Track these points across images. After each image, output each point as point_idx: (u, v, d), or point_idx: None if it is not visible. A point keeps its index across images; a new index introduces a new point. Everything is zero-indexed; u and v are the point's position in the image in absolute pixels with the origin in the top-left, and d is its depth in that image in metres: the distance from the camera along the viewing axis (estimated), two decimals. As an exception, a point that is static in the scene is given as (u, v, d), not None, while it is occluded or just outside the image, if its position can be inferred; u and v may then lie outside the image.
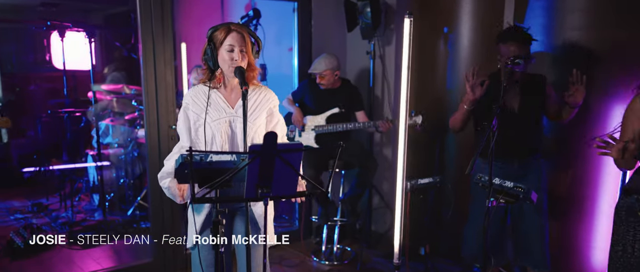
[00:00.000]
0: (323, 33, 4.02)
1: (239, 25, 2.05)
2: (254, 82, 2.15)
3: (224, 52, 2.01)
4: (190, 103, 2.09)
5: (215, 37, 2.03)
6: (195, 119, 2.07)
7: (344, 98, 3.65)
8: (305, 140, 3.63)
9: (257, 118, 2.10)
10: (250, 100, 2.10)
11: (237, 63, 2.00)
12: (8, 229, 4.27)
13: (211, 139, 2.05)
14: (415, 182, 2.96)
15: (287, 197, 1.76)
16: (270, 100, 2.16)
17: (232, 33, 2.01)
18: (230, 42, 2.00)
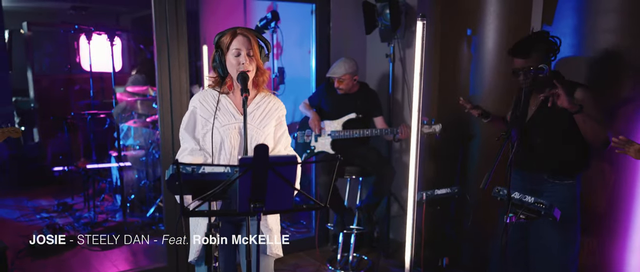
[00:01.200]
0: (342, 35, 3.92)
1: (246, 29, 1.99)
2: (264, 89, 2.09)
3: (231, 56, 1.96)
4: (198, 106, 2.04)
5: (222, 42, 1.98)
6: (203, 123, 2.01)
7: (362, 103, 3.53)
8: (321, 145, 3.53)
9: (266, 126, 2.04)
10: (259, 108, 2.05)
11: (244, 67, 1.94)
12: (33, 228, 4.37)
13: (220, 144, 1.99)
14: (431, 193, 2.82)
15: (283, 212, 1.67)
16: (279, 109, 2.10)
17: (238, 37, 1.96)
18: (237, 46, 1.95)
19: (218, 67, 2.00)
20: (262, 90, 2.08)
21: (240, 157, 1.40)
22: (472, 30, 3.40)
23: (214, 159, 1.98)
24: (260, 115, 2.04)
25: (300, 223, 4.48)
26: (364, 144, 3.59)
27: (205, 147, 2.00)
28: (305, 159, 3.58)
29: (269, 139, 2.06)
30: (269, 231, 2.05)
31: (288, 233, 4.25)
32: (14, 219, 4.79)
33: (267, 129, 2.04)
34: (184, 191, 1.60)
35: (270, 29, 4.17)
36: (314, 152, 3.55)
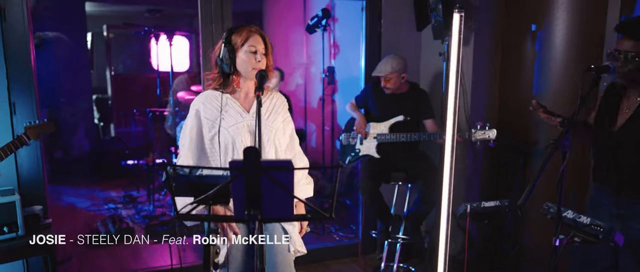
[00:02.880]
0: (393, 33, 3.71)
1: (258, 28, 1.98)
2: (265, 86, 2.03)
3: (245, 54, 1.93)
4: (201, 109, 1.98)
5: (234, 39, 1.94)
6: (209, 125, 1.96)
7: (411, 104, 3.31)
8: (366, 148, 3.36)
9: (274, 122, 2.01)
10: (265, 104, 2.02)
11: (260, 65, 1.92)
12: (98, 218, 4.65)
13: (231, 145, 1.94)
14: (477, 205, 2.55)
15: (282, 221, 1.55)
16: (284, 104, 2.09)
17: (255, 35, 1.94)
18: (253, 44, 1.93)
19: (226, 63, 1.94)
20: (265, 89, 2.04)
21: (231, 161, 1.30)
22: (537, 25, 3.04)
23: (225, 160, 1.92)
24: (266, 111, 2.02)
25: (349, 228, 4.33)
26: (412, 149, 3.36)
27: (213, 150, 1.95)
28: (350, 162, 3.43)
29: (280, 134, 2.03)
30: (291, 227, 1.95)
31: (337, 237, 4.13)
32: (85, 208, 5.14)
33: (276, 124, 2.02)
34: (183, 193, 1.55)
35: (320, 28, 4.06)
36: (358, 155, 3.39)
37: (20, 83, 2.82)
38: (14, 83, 2.79)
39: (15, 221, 2.57)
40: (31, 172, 2.91)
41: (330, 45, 5.01)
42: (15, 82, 2.80)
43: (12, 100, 2.81)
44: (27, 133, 2.13)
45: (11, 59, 2.78)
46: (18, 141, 2.06)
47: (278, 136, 2.01)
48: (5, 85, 2.77)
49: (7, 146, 2.01)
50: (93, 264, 3.62)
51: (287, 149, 2.08)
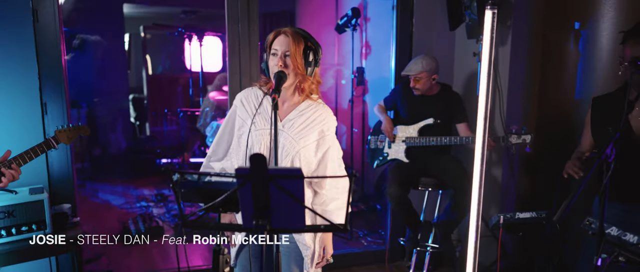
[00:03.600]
0: (425, 32, 3.56)
1: (292, 29, 1.82)
2: (312, 97, 1.89)
3: (270, 56, 1.82)
4: (239, 105, 1.93)
5: (267, 41, 1.85)
6: (240, 124, 1.90)
7: (442, 107, 3.16)
8: (395, 152, 3.24)
9: (304, 137, 1.84)
10: (302, 116, 1.86)
11: (276, 68, 1.78)
12: (130, 215, 4.73)
13: (252, 150, 1.85)
14: (511, 216, 2.38)
15: (293, 232, 1.47)
16: (325, 121, 1.87)
17: (280, 36, 1.81)
18: (276, 46, 1.80)
19: (265, 67, 1.87)
20: (309, 97, 1.88)
21: (237, 167, 1.23)
22: (580, 23, 2.84)
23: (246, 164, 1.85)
24: (300, 124, 1.85)
25: (378, 233, 4.21)
26: (443, 153, 3.21)
27: (239, 150, 1.87)
28: (377, 166, 3.32)
29: (307, 152, 1.84)
30: (307, 248, 1.85)
31: (365, 242, 4.02)
32: (118, 206, 5.24)
33: (305, 141, 1.83)
34: (193, 199, 1.49)
35: (350, 27, 3.96)
36: (386, 159, 3.27)
37: (52, 83, 2.87)
38: (46, 83, 2.85)
39: (43, 219, 2.60)
40: (61, 171, 2.96)
41: (362, 45, 4.90)
42: (46, 83, 2.85)
43: (43, 100, 2.86)
44: (57, 137, 2.13)
45: (43, 59, 2.83)
46: (45, 145, 2.07)
47: (304, 155, 1.83)
48: (37, 85, 2.82)
49: (33, 149, 2.02)
50: (122, 263, 3.66)
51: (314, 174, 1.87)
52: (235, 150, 1.92)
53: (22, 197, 2.56)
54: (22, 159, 1.96)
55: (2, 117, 2.72)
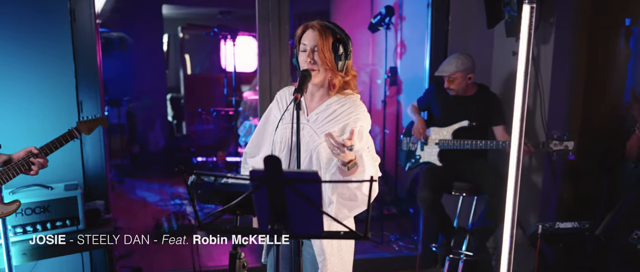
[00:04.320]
0: (462, 30, 3.41)
1: (320, 23, 1.75)
2: (346, 92, 1.81)
3: (300, 52, 1.77)
4: (274, 103, 1.92)
5: (296, 36, 1.80)
6: (273, 121, 1.88)
7: (478, 109, 3.02)
8: (427, 155, 3.12)
9: (325, 131, 1.72)
10: (328, 109, 1.79)
11: (306, 64, 1.73)
12: (164, 213, 4.81)
13: (276, 145, 1.81)
14: (550, 226, 2.23)
15: (311, 237, 1.41)
16: (353, 114, 1.76)
17: (308, 31, 1.75)
18: (304, 41, 1.75)
19: (296, 62, 1.82)
20: (338, 92, 1.80)
21: (251, 170, 1.18)
22: (631, 19, 2.63)
23: None
24: (324, 118, 1.77)
25: (410, 238, 4.09)
26: (479, 157, 3.07)
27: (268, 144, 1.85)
28: (409, 168, 3.21)
29: (324, 147, 1.74)
30: (322, 254, 1.78)
31: (396, 247, 3.91)
32: (153, 203, 5.35)
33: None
34: (210, 201, 1.46)
35: (383, 26, 3.86)
36: (418, 162, 3.15)
37: (87, 82, 2.93)
38: (82, 82, 2.91)
39: (76, 215, 2.66)
40: (95, 168, 3.02)
41: (397, 44, 4.78)
42: (82, 81, 2.91)
43: (79, 99, 2.93)
44: (79, 127, 2.18)
45: (80, 58, 2.89)
46: (69, 135, 2.11)
47: (325, 150, 1.71)
48: (74, 84, 2.89)
49: (58, 139, 2.07)
50: (154, 260, 3.71)
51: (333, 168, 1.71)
52: (267, 144, 1.89)
53: (57, 193, 2.63)
54: (48, 148, 2.02)
55: (40, 115, 2.80)
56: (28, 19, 2.76)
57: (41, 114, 2.81)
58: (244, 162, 2.00)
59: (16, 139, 2.63)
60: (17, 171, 1.90)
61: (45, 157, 1.97)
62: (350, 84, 1.80)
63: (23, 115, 2.79)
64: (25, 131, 2.75)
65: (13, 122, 2.76)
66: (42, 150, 1.98)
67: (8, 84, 2.77)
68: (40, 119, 2.80)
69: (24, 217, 2.53)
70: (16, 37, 2.75)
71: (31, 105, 2.81)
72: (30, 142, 2.10)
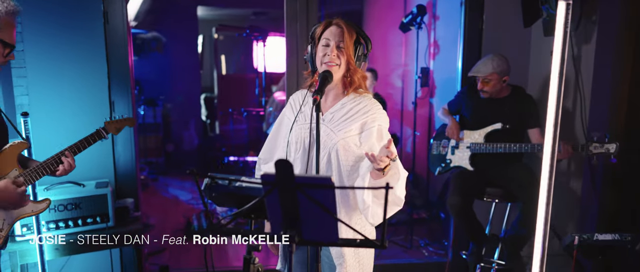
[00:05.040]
0: (497, 30, 3.27)
1: (343, 20, 1.72)
2: (359, 91, 1.78)
3: (320, 47, 1.72)
4: (287, 107, 1.90)
5: (315, 32, 1.76)
6: (287, 123, 1.85)
7: (512, 111, 2.88)
8: (458, 159, 3.01)
9: (343, 129, 1.72)
10: (343, 108, 1.75)
11: (329, 59, 1.69)
12: (195, 211, 4.88)
13: (294, 147, 1.78)
14: (588, 237, 2.09)
15: (325, 245, 1.36)
16: (370, 112, 1.72)
17: (332, 27, 1.72)
18: (327, 36, 1.71)
19: (309, 59, 1.79)
20: (353, 91, 1.77)
21: (262, 174, 1.15)
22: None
23: None
24: (340, 117, 1.73)
25: (441, 243, 3.97)
26: (513, 162, 2.93)
27: (282, 148, 1.82)
28: (439, 173, 3.11)
29: (346, 145, 1.70)
30: (341, 256, 1.74)
31: (426, 253, 3.81)
32: (185, 201, 5.44)
33: (344, 133, 1.71)
34: (226, 204, 1.45)
35: (415, 25, 3.77)
36: (449, 166, 3.05)
37: (119, 83, 2.99)
38: (114, 83, 2.97)
39: (106, 212, 2.72)
40: (126, 167, 3.08)
41: (430, 44, 4.67)
42: (114, 82, 2.98)
43: (111, 99, 2.99)
44: (107, 127, 2.22)
45: (112, 59, 2.96)
46: (96, 135, 2.14)
47: (343, 148, 1.69)
48: (106, 84, 2.96)
49: (86, 139, 2.10)
50: (180, 258, 3.76)
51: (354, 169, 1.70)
52: (281, 147, 1.86)
53: (88, 191, 2.70)
54: (77, 148, 2.04)
55: (73, 115, 2.87)
56: (64, 18, 2.83)
57: (75, 113, 2.88)
58: (258, 169, 1.98)
59: (49, 137, 2.72)
60: (45, 171, 1.94)
61: (72, 156, 2.00)
62: (363, 84, 1.78)
63: (57, 113, 2.86)
64: (59, 129, 2.83)
65: (48, 119, 2.84)
66: (70, 149, 2.01)
67: (45, 80, 2.84)
68: (73, 117, 2.87)
69: (57, 214, 2.61)
70: (54, 34, 2.82)
71: (65, 103, 2.88)
72: (63, 139, 2.14)
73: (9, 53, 1.77)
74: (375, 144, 1.71)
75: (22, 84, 2.83)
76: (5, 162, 1.84)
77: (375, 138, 1.72)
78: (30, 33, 2.78)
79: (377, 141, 1.72)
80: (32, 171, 1.89)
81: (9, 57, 1.78)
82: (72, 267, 2.93)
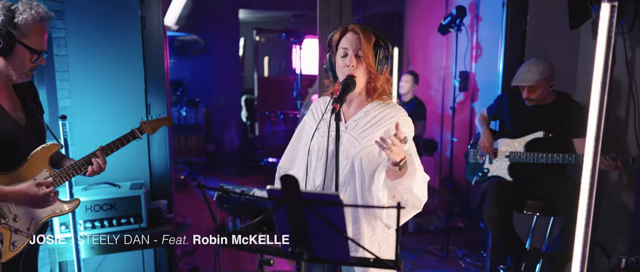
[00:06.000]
0: (541, 32, 3.08)
1: (359, 25, 1.66)
2: (383, 97, 1.73)
3: (338, 57, 1.67)
4: (309, 115, 1.85)
5: (332, 40, 1.71)
6: (308, 131, 1.81)
7: (557, 119, 2.70)
8: (497, 169, 2.85)
9: (366, 138, 1.66)
10: (367, 116, 1.70)
11: (349, 70, 1.63)
12: (231, 212, 4.93)
13: (316, 156, 1.74)
14: (636, 260, 1.91)
15: (335, 263, 1.30)
16: (392, 119, 1.67)
17: (348, 34, 1.66)
18: (344, 45, 1.65)
19: (329, 68, 1.73)
20: (377, 98, 1.72)
21: (268, 188, 1.11)
22: None
23: (310, 173, 1.73)
24: (364, 124, 1.68)
25: (479, 254, 3.80)
26: (556, 173, 2.74)
27: (303, 155, 1.77)
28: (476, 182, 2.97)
29: (369, 154, 1.64)
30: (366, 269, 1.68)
31: (463, 264, 3.66)
32: (222, 201, 5.51)
33: (368, 141, 1.65)
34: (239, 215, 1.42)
35: (454, 27, 3.62)
36: (486, 175, 2.90)
37: (155, 86, 3.05)
38: (150, 86, 3.04)
39: (139, 213, 2.78)
40: (161, 169, 3.15)
41: (472, 47, 4.49)
42: (151, 85, 3.04)
43: (148, 102, 3.06)
44: (142, 127, 2.24)
45: (149, 63, 3.02)
46: (131, 135, 2.17)
47: (367, 157, 1.63)
48: (143, 88, 3.02)
49: (119, 139, 2.13)
50: (212, 259, 3.80)
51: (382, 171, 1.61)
52: (301, 155, 1.82)
53: (123, 192, 2.76)
54: (109, 148, 2.07)
55: (112, 117, 2.95)
56: (105, 23, 2.91)
57: (113, 115, 2.95)
58: (278, 178, 1.93)
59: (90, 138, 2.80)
60: (76, 172, 1.99)
61: (103, 157, 2.03)
62: (387, 89, 1.71)
63: (97, 115, 2.95)
64: (98, 130, 2.90)
65: (88, 120, 2.93)
66: (102, 150, 2.04)
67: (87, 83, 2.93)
68: (112, 119, 2.94)
69: (93, 213, 2.69)
70: (95, 39, 2.90)
71: (105, 105, 2.96)
72: (102, 141, 2.18)
73: (37, 59, 1.81)
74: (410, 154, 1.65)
75: (65, 87, 2.94)
76: (37, 162, 1.90)
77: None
78: (73, 38, 2.88)
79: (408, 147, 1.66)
80: (62, 172, 1.94)
81: (38, 61, 1.82)
82: (108, 266, 3.01)
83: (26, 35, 1.74)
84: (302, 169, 1.77)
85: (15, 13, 1.72)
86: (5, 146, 1.79)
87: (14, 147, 1.83)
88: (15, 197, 1.78)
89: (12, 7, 1.74)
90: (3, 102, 1.81)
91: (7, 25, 1.70)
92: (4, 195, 1.76)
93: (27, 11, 1.73)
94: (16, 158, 1.84)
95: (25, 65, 1.78)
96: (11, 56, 1.75)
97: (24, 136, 1.87)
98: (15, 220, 1.81)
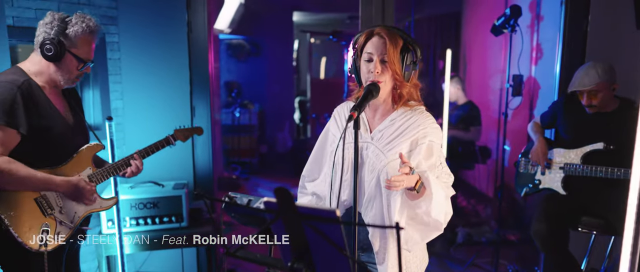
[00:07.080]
0: (603, 32, 2.81)
1: (386, 29, 1.57)
2: (410, 103, 1.64)
3: (363, 62, 1.59)
4: (331, 122, 1.78)
5: (358, 43, 1.62)
6: (332, 140, 1.74)
7: (619, 128, 2.44)
8: (549, 180, 2.63)
9: (392, 149, 1.57)
10: (393, 125, 1.61)
11: (373, 77, 1.55)
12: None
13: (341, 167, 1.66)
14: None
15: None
16: (421, 127, 1.57)
17: (373, 38, 1.57)
18: (369, 50, 1.57)
19: (353, 72, 1.66)
20: (404, 104, 1.62)
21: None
22: None
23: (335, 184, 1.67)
24: (390, 134, 1.59)
25: (533, 270, 3.54)
26: (616, 187, 2.47)
27: (328, 165, 1.70)
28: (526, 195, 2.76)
29: (396, 167, 1.53)
30: None
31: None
32: (272, 202, 5.58)
33: (393, 153, 1.55)
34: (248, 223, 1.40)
35: (508, 28, 3.40)
36: (537, 187, 2.69)
37: (200, 89, 3.13)
38: (195, 89, 3.12)
39: (181, 213, 2.86)
40: (203, 170, 3.22)
41: (532, 48, 4.20)
42: (196, 88, 3.12)
43: (193, 104, 3.15)
44: (175, 135, 2.32)
45: (194, 67, 3.11)
46: (165, 141, 2.26)
47: (390, 169, 1.53)
48: (188, 91, 3.11)
49: (155, 144, 2.22)
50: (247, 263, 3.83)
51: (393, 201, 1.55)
52: (326, 165, 1.76)
53: (166, 191, 2.86)
54: (145, 152, 2.17)
55: (159, 118, 3.06)
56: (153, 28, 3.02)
57: (160, 116, 3.06)
58: (301, 187, 1.86)
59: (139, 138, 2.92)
60: (114, 172, 2.09)
61: (141, 159, 2.13)
62: (414, 95, 1.61)
63: (146, 116, 3.07)
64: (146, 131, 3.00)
65: (137, 121, 3.06)
66: (139, 153, 2.14)
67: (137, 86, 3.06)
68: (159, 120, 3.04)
69: (137, 211, 2.80)
70: (144, 43, 3.03)
71: (153, 107, 3.07)
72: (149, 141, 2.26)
73: (83, 67, 1.93)
74: (423, 162, 1.55)
75: (117, 90, 3.09)
76: (82, 161, 2.02)
77: (423, 156, 1.56)
78: (126, 43, 3.03)
79: (425, 158, 1.56)
80: (102, 171, 2.04)
81: (84, 69, 1.95)
82: (153, 262, 3.13)
83: (76, 45, 1.88)
84: (327, 181, 1.71)
85: (68, 25, 1.86)
86: (56, 142, 1.92)
87: (63, 144, 1.96)
88: (65, 188, 1.90)
89: (67, 18, 1.88)
90: (56, 103, 1.94)
91: (59, 35, 1.84)
92: (55, 184, 1.88)
93: (78, 23, 1.87)
94: (63, 155, 1.96)
95: (72, 72, 1.92)
96: (60, 63, 1.89)
97: (72, 134, 1.99)
98: (60, 212, 1.93)
